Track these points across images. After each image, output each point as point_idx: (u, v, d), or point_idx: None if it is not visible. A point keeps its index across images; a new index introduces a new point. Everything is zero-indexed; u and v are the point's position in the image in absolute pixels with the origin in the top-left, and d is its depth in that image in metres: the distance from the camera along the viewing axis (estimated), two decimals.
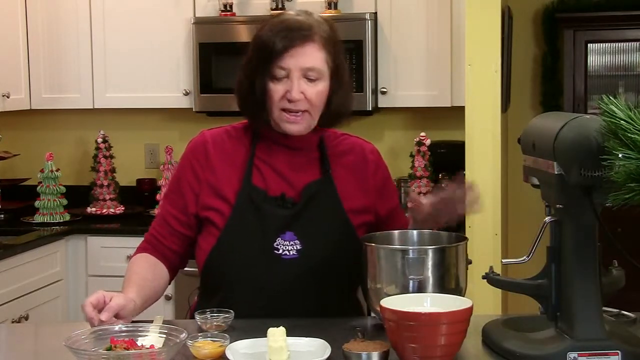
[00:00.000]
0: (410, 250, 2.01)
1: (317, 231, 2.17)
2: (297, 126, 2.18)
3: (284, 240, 2.18)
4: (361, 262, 2.06)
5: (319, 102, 2.18)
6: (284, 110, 2.16)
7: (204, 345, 1.87)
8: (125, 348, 1.82)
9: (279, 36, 2.14)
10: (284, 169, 2.23)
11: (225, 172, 2.23)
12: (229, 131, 2.30)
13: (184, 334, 1.84)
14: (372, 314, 2.13)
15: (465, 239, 2.08)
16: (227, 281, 2.21)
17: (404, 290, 1.98)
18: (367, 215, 2.28)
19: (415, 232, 2.16)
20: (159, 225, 2.30)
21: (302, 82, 2.15)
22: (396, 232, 2.17)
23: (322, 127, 2.26)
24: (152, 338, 1.89)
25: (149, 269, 2.25)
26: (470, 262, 2.11)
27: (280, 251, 2.18)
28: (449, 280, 2.02)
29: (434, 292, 1.97)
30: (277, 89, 2.16)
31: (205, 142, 2.27)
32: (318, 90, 2.17)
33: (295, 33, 2.14)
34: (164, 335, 1.88)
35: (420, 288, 1.98)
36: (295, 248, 2.18)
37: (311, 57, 2.15)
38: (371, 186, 2.30)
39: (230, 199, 2.21)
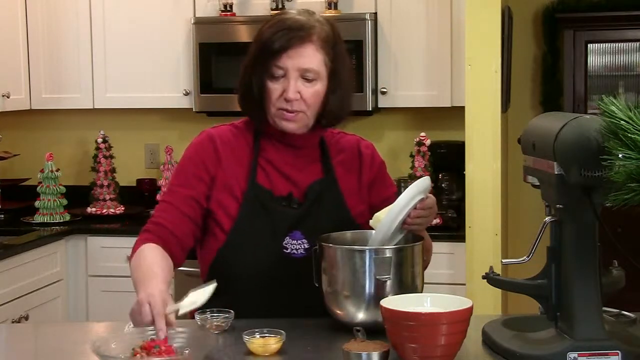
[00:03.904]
0: (387, 250, 2.02)
1: (323, 230, 2.17)
2: (293, 124, 2.19)
3: (292, 240, 2.20)
4: (315, 262, 2.08)
5: (315, 103, 2.19)
6: (280, 109, 2.18)
7: (262, 341, 1.90)
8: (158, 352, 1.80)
9: (277, 35, 2.16)
10: (288, 169, 2.24)
11: (233, 170, 2.23)
12: (231, 129, 2.30)
13: (212, 338, 1.85)
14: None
15: (422, 238, 2.12)
16: (236, 280, 2.21)
17: (363, 290, 2.00)
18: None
19: (373, 232, 2.16)
20: (167, 212, 2.21)
21: (299, 83, 2.16)
22: (349, 232, 2.17)
23: (321, 127, 2.27)
24: (196, 295, 1.92)
25: (164, 259, 2.14)
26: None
27: (289, 250, 2.20)
28: (410, 279, 2.04)
29: (394, 291, 1.99)
30: (274, 88, 2.17)
31: (213, 138, 2.26)
32: (314, 91, 2.18)
33: (294, 33, 2.15)
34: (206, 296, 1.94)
35: (382, 288, 1.99)
36: (303, 247, 2.20)
37: (308, 58, 2.16)
38: (367, 180, 2.31)
39: (238, 197, 2.21)
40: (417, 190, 2.08)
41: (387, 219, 2.06)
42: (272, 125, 2.22)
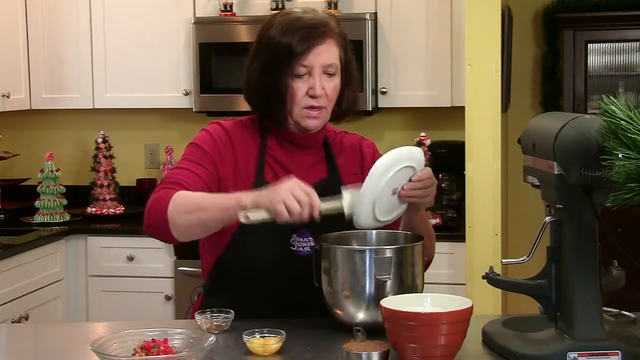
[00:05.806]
0: (387, 250, 2.02)
1: (328, 228, 2.17)
2: (316, 121, 2.21)
3: (299, 237, 2.21)
4: (315, 262, 2.08)
5: (334, 97, 2.22)
6: (305, 107, 2.18)
7: (262, 341, 1.90)
8: (158, 351, 1.79)
9: (297, 35, 2.15)
10: (294, 168, 2.24)
11: (241, 165, 2.23)
12: (239, 124, 2.29)
13: (212, 338, 1.83)
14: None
15: (422, 238, 2.11)
16: (240, 277, 2.21)
17: (363, 290, 2.00)
18: None
19: (374, 232, 2.16)
20: (186, 177, 2.15)
21: (322, 79, 2.18)
22: (349, 232, 2.17)
23: (330, 122, 2.29)
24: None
25: None
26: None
27: (295, 248, 2.21)
28: (410, 279, 2.04)
29: (394, 291, 1.99)
30: (299, 87, 2.17)
31: (226, 130, 2.26)
32: (335, 85, 2.21)
33: (314, 31, 2.17)
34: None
35: (382, 288, 1.99)
36: (309, 245, 2.21)
37: (330, 53, 2.19)
38: None
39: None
40: (404, 155, 2.05)
41: (369, 179, 2.02)
42: (291, 125, 2.22)
